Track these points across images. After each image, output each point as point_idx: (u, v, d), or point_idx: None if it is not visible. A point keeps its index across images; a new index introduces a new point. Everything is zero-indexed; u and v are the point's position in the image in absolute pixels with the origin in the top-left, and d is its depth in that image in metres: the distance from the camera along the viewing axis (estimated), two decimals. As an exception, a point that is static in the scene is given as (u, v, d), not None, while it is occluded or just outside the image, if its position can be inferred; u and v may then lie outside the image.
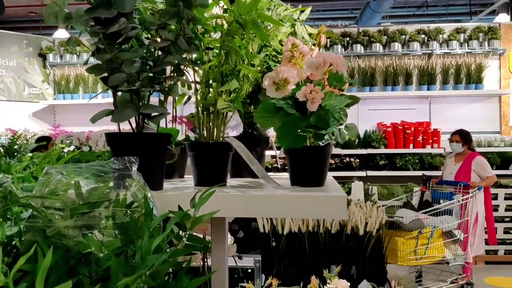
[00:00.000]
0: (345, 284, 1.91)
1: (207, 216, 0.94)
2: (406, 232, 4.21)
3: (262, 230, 3.31)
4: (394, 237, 4.21)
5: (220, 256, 1.30)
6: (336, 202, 1.05)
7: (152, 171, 1.10)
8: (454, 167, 5.24)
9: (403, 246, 4.22)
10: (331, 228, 3.25)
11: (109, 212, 0.99)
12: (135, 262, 0.84)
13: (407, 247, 4.20)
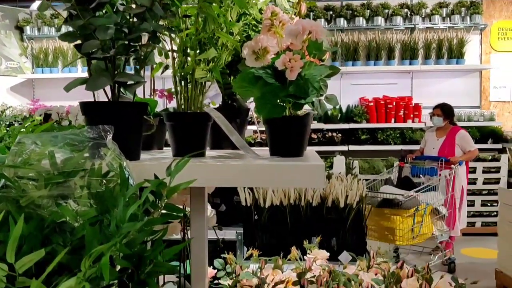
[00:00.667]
0: (325, 254, 1.93)
1: (184, 185, 0.93)
2: (404, 210, 4.12)
3: (244, 203, 3.33)
4: (392, 216, 4.13)
5: (199, 226, 1.30)
6: (314, 171, 1.05)
7: (128, 141, 1.08)
8: (436, 142, 5.16)
9: (402, 225, 4.12)
10: (312, 201, 3.28)
11: (84, 182, 0.97)
12: (110, 230, 0.83)
13: (406, 225, 4.13)
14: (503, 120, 6.44)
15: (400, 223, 4.14)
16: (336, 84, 6.38)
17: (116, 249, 0.77)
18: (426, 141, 5.33)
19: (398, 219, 4.13)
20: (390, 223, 4.20)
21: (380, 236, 4.34)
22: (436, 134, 5.22)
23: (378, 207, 4.35)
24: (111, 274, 0.81)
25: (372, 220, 4.27)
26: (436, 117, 5.12)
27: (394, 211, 4.18)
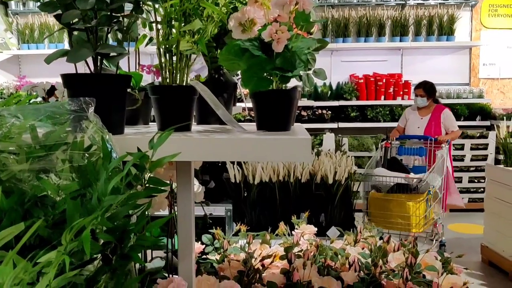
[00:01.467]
0: (312, 229, 1.94)
1: (168, 159, 0.91)
2: (419, 194, 3.82)
3: (234, 180, 3.33)
4: (407, 202, 3.80)
5: (186, 201, 1.29)
6: (300, 145, 1.03)
7: (111, 114, 1.06)
8: (420, 121, 4.98)
9: (418, 211, 3.80)
10: (301, 178, 3.29)
11: (66, 156, 0.96)
12: (92, 204, 0.81)
13: (422, 211, 3.82)
14: (492, 97, 6.46)
15: (416, 209, 3.82)
16: (326, 61, 6.34)
17: (97, 222, 0.76)
18: (407, 119, 5.10)
19: (413, 205, 3.82)
20: (405, 210, 3.83)
21: (391, 224, 3.90)
22: (419, 112, 5.03)
23: (389, 193, 3.97)
24: (93, 248, 0.80)
25: (379, 207, 3.97)
26: (420, 98, 4.93)
27: (410, 197, 3.84)
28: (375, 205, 4.04)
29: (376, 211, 3.96)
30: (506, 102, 6.55)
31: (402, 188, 3.94)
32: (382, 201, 3.97)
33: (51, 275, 0.66)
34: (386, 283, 1.46)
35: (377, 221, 3.93)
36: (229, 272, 1.54)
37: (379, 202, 3.99)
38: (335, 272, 1.52)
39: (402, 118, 5.23)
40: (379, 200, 4.00)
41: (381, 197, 3.99)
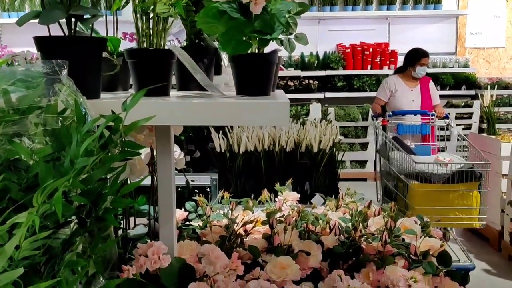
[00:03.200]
0: (295, 196, 1.95)
1: (143, 121, 0.90)
2: (474, 183, 3.18)
3: (219, 149, 3.32)
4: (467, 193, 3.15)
5: (166, 167, 1.29)
6: (278, 108, 1.03)
7: (86, 78, 1.04)
8: (412, 93, 4.46)
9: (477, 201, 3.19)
10: (286, 147, 3.29)
11: (40, 120, 0.94)
12: (65, 167, 0.80)
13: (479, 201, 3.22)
14: (478, 66, 6.48)
15: (476, 199, 3.21)
16: (313, 30, 6.27)
17: (69, 184, 0.75)
18: (393, 91, 4.50)
19: (476, 195, 3.20)
20: (468, 201, 3.19)
21: (449, 220, 3.27)
22: (406, 84, 4.49)
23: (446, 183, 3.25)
24: (67, 210, 0.79)
25: (431, 201, 3.21)
26: (423, 67, 4.38)
27: (470, 185, 3.20)
28: (424, 199, 3.24)
29: (425, 206, 3.13)
30: (491, 72, 6.58)
31: (464, 177, 3.21)
32: (435, 194, 3.22)
33: (21, 235, 0.65)
34: (365, 246, 1.49)
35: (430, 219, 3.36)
36: (211, 238, 1.55)
37: (431, 195, 3.23)
38: (316, 236, 1.54)
39: (384, 90, 4.57)
40: (431, 193, 3.23)
41: (434, 189, 3.23)
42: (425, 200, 3.21)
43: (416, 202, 3.21)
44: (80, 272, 0.81)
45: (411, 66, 4.46)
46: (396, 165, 3.44)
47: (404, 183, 3.35)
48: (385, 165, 3.65)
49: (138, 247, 1.19)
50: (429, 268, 1.37)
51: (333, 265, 1.45)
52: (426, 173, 3.24)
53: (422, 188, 3.23)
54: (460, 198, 3.21)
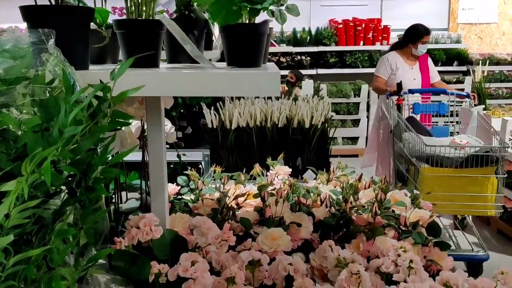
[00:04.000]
0: (287, 170, 1.96)
1: (132, 92, 0.89)
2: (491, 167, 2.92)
3: (210, 125, 3.31)
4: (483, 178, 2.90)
5: (157, 139, 1.28)
6: (269, 79, 1.02)
7: (73, 48, 1.03)
8: (412, 71, 4.22)
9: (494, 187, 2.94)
10: (278, 122, 3.29)
11: (28, 90, 0.93)
12: (53, 136, 0.80)
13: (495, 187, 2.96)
14: (470, 42, 6.47)
15: (493, 186, 2.94)
16: (306, 5, 6.21)
17: (58, 153, 0.75)
18: (394, 69, 4.25)
19: (494, 181, 2.93)
20: (481, 187, 2.94)
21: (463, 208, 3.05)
22: (406, 61, 4.26)
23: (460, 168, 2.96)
24: (57, 180, 0.79)
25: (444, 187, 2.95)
26: (423, 45, 4.16)
27: (486, 170, 2.92)
28: (435, 184, 2.99)
29: (436, 192, 2.85)
30: (483, 48, 6.58)
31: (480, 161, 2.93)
32: (447, 179, 2.97)
33: (10, 202, 0.65)
34: (356, 218, 1.50)
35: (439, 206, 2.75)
36: (203, 211, 1.56)
37: (443, 180, 2.98)
38: (307, 208, 1.55)
39: (385, 67, 4.27)
40: (443, 178, 2.98)
41: (446, 173, 2.98)
42: (436, 185, 2.97)
43: (426, 187, 2.93)
44: (71, 242, 0.81)
45: (413, 44, 4.20)
46: (408, 147, 3.20)
47: (415, 167, 3.14)
48: (398, 147, 3.42)
49: (129, 219, 1.19)
50: (418, 238, 1.39)
51: (324, 237, 1.47)
52: (437, 156, 2.97)
53: (432, 173, 3.00)
54: (474, 184, 2.95)
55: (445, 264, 1.38)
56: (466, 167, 2.92)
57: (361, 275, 1.02)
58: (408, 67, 4.26)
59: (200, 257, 1.13)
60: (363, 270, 1.04)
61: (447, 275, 1.17)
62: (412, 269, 1.20)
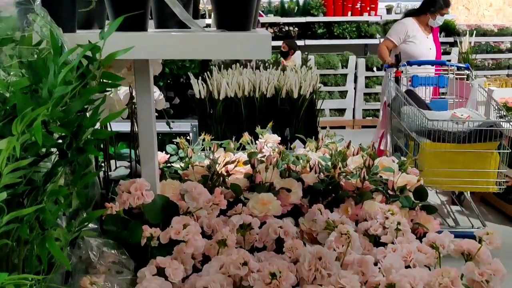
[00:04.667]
0: (276, 138, 1.97)
1: (121, 52, 0.88)
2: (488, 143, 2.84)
3: (198, 96, 3.29)
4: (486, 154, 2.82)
5: (146, 104, 1.27)
6: (259, 41, 1.02)
7: (60, 9, 1.01)
8: (427, 40, 4.03)
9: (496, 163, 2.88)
10: (266, 93, 3.28)
11: (16, 52, 0.91)
12: (43, 97, 0.79)
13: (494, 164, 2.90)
14: (457, 13, 6.47)
15: (495, 161, 2.87)
16: (293, -25, 6.13)
17: (49, 113, 0.74)
18: (410, 36, 4.03)
19: (496, 156, 2.86)
20: (484, 163, 2.86)
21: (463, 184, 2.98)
22: (422, 30, 4.07)
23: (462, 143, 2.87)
24: (47, 141, 0.79)
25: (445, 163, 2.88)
26: (442, 17, 3.99)
27: (489, 145, 2.84)
28: (436, 160, 2.90)
29: (437, 168, 2.83)
30: (470, 19, 6.58)
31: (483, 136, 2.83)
32: (449, 154, 2.88)
33: (1, 160, 0.65)
34: (344, 183, 1.52)
35: (440, 182, 2.90)
36: (193, 178, 1.56)
37: (444, 156, 2.89)
38: (296, 174, 1.57)
39: (398, 33, 4.06)
40: (444, 154, 2.89)
41: (448, 149, 2.88)
42: (438, 161, 2.88)
43: (427, 163, 2.85)
44: (63, 203, 0.81)
45: (431, 14, 4.00)
46: (407, 121, 3.10)
47: (415, 142, 3.04)
48: (396, 121, 3.35)
49: (120, 184, 1.19)
50: (405, 202, 1.42)
51: (313, 202, 1.49)
52: (439, 131, 2.87)
53: (434, 148, 2.89)
54: (477, 160, 2.86)
55: (432, 227, 1.41)
56: (468, 142, 2.84)
57: (351, 235, 1.05)
58: (424, 36, 4.09)
59: (192, 220, 1.14)
60: (352, 231, 1.06)
61: (434, 236, 1.20)
62: (400, 231, 1.23)
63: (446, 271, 0.98)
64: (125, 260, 1.07)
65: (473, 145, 2.86)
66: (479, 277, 1.06)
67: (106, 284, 0.97)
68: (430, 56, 3.91)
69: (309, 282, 1.00)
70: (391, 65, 3.71)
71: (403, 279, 0.95)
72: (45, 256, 0.75)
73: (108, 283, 0.98)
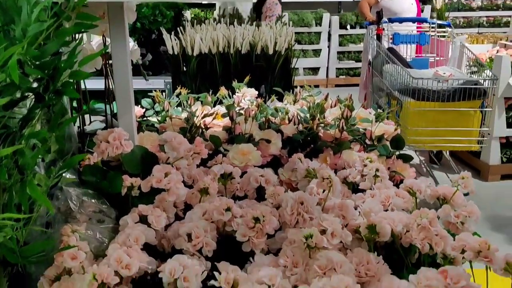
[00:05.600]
0: (253, 92, 1.96)
1: (97, -8, 0.84)
2: (471, 102, 2.83)
3: (171, 52, 3.22)
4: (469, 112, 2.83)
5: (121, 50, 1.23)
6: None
7: None
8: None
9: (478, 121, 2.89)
10: (241, 49, 3.23)
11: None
12: (17, 36, 0.75)
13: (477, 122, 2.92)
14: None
15: (478, 120, 2.89)
16: None
17: (24, 52, 0.71)
18: None
19: (477, 115, 2.88)
20: (467, 122, 2.87)
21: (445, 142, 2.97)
22: None
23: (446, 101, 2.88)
24: (24, 83, 0.76)
25: (428, 122, 2.88)
26: None
27: (472, 104, 2.85)
28: (420, 119, 2.89)
29: (421, 127, 2.85)
30: (444, -24, 6.57)
31: (466, 94, 2.85)
32: (433, 113, 2.88)
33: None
34: (323, 134, 1.53)
35: (423, 141, 2.91)
36: (171, 130, 1.54)
37: (428, 115, 2.89)
38: (275, 125, 1.56)
39: None
40: (428, 113, 2.88)
41: (431, 107, 2.88)
42: (421, 120, 2.88)
43: (411, 122, 2.86)
44: (41, 147, 0.79)
45: None
46: (390, 80, 3.09)
47: (398, 101, 3.02)
48: (377, 80, 3.34)
49: (98, 134, 1.16)
50: (383, 150, 1.44)
51: (292, 152, 1.49)
52: (423, 89, 2.85)
53: (418, 107, 2.85)
54: (460, 119, 2.87)
55: (408, 175, 1.44)
56: (452, 100, 2.84)
57: (332, 180, 1.06)
58: None
59: (173, 169, 1.13)
60: (333, 175, 1.07)
61: (411, 182, 1.23)
62: (378, 177, 1.25)
63: (424, 213, 1.00)
64: (106, 209, 1.06)
65: (457, 103, 2.86)
66: (455, 218, 1.10)
67: (88, 232, 0.97)
68: (412, 12, 3.87)
69: (291, 226, 1.02)
70: (372, 22, 3.66)
71: (383, 220, 0.97)
72: (25, 201, 0.73)
73: (90, 231, 0.97)
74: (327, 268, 0.86)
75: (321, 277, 0.84)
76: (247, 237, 0.97)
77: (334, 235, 0.95)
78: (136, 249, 0.89)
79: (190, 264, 0.85)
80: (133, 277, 0.91)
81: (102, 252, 0.96)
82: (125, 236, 0.94)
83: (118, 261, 0.85)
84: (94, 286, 0.77)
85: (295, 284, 0.88)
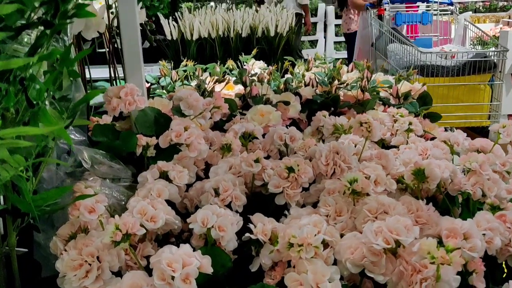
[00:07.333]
0: (262, 65, 1.86)
1: None
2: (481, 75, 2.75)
3: (170, 37, 3.12)
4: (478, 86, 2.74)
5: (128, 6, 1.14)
6: None
7: None
8: None
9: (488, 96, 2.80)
10: (241, 32, 3.14)
11: None
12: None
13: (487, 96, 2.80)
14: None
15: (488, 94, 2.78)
16: None
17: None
18: None
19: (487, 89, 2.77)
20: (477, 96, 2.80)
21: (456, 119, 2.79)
22: None
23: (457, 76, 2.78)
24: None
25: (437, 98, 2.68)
26: None
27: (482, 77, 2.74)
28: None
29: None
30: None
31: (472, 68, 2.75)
32: (442, 89, 2.79)
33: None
34: (343, 96, 1.44)
35: None
36: (181, 98, 1.44)
37: (436, 91, 2.76)
38: (293, 87, 1.47)
39: None
40: (437, 89, 2.76)
41: (440, 83, 2.78)
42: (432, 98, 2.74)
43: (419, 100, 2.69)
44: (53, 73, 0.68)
45: None
46: (395, 59, 2.98)
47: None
48: (381, 61, 3.22)
49: (108, 90, 1.06)
50: (411, 107, 1.35)
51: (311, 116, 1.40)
52: (432, 65, 2.75)
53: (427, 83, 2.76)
54: (470, 93, 2.78)
55: (437, 134, 1.35)
56: (462, 75, 2.74)
57: (371, 123, 0.96)
58: None
59: (193, 123, 1.03)
60: (372, 119, 0.97)
61: (447, 134, 1.14)
62: (412, 131, 1.16)
63: (474, 156, 0.91)
64: (120, 168, 0.96)
65: (467, 77, 2.77)
66: (501, 167, 1.01)
67: (102, 188, 0.87)
68: None
69: (327, 177, 0.92)
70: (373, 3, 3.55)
71: (432, 162, 0.88)
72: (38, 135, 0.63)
73: (105, 188, 0.87)
74: (378, 212, 0.76)
75: (372, 222, 0.75)
76: (281, 188, 0.87)
77: (378, 183, 0.86)
78: (161, 201, 0.79)
79: (223, 213, 0.76)
80: (158, 234, 0.81)
81: (121, 211, 0.86)
82: (146, 191, 0.84)
83: (142, 213, 0.75)
84: (117, 236, 0.67)
85: (341, 233, 0.78)
